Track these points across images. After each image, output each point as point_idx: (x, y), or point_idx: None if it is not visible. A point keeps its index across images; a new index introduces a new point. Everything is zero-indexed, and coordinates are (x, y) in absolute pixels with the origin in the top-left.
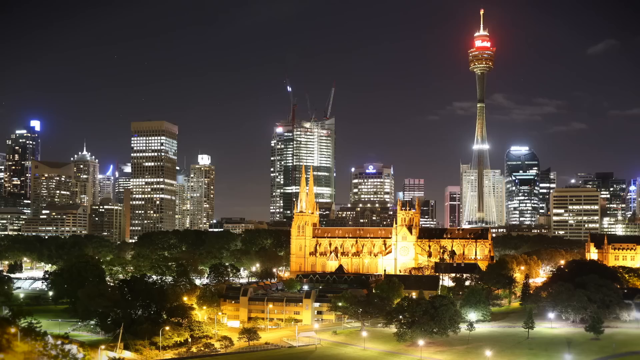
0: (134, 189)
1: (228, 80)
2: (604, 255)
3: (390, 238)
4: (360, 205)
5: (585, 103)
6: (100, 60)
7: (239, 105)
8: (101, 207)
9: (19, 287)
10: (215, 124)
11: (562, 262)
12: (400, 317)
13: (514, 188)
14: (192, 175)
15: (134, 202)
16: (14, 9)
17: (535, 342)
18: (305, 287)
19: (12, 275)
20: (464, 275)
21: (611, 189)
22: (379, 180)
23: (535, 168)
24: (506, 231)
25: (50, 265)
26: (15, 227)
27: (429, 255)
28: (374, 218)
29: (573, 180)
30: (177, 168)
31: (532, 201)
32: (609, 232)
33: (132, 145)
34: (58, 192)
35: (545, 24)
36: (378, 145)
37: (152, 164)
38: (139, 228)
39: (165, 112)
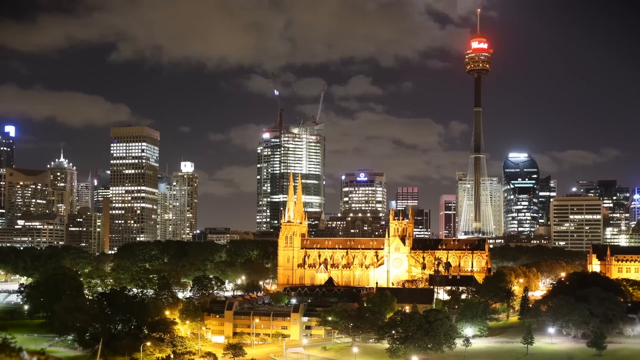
0: (114, 198)
1: (212, 83)
2: (607, 267)
3: (382, 249)
4: (351, 214)
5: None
6: (78, 64)
7: (223, 110)
8: (79, 216)
9: None
10: (198, 129)
11: (563, 274)
12: (393, 332)
13: (512, 197)
14: (174, 183)
15: (114, 212)
16: None
17: (535, 358)
18: (293, 301)
19: None
20: (460, 288)
21: (614, 197)
22: (370, 188)
23: (535, 176)
24: (504, 242)
25: (25, 277)
26: None
27: (423, 267)
28: (366, 228)
29: (574, 189)
30: (159, 176)
31: (532, 210)
32: (612, 243)
33: (112, 151)
34: (34, 201)
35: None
36: (369, 153)
37: (133, 171)
38: (119, 238)
39: (146, 118)
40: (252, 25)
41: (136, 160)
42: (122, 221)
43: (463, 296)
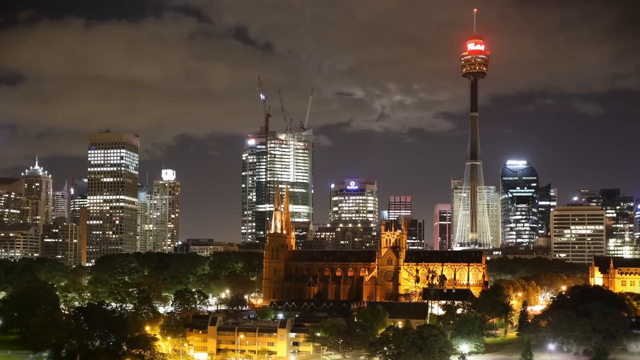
0: (91, 208)
1: (193, 86)
2: (610, 280)
3: (373, 261)
4: (341, 225)
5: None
6: (54, 65)
7: (207, 115)
8: (55, 227)
9: None
10: (180, 135)
11: (564, 288)
12: (385, 348)
13: (510, 206)
14: (155, 192)
15: (91, 222)
16: None
17: None
18: (280, 316)
19: None
20: (456, 303)
21: (617, 207)
22: (361, 197)
23: (534, 184)
24: (502, 254)
25: None
26: None
27: (417, 280)
28: (356, 239)
29: (576, 198)
30: (139, 184)
31: (531, 221)
32: (615, 255)
33: (89, 159)
34: (7, 210)
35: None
36: (360, 159)
37: (111, 179)
38: (97, 250)
39: (125, 123)
40: None
41: (115, 168)
42: (100, 232)
43: (459, 311)
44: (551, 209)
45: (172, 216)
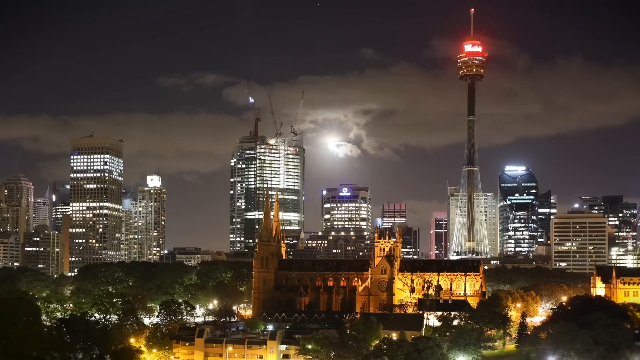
0: (74, 215)
1: (180, 89)
2: (612, 290)
3: (367, 271)
4: (333, 233)
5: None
6: (35, 67)
7: (194, 119)
8: (36, 235)
9: None
10: (166, 140)
11: (564, 298)
12: None
13: (509, 214)
14: (140, 199)
15: (74, 230)
16: None
17: None
18: (270, 327)
19: None
20: (452, 314)
21: (620, 214)
22: (354, 204)
23: (534, 191)
24: (500, 263)
25: None
26: None
27: (412, 290)
28: (349, 248)
29: (576, 205)
30: (124, 191)
31: (530, 229)
32: (618, 264)
33: (72, 164)
34: None
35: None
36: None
37: (95, 185)
38: (80, 259)
39: (109, 127)
40: None
41: (98, 174)
42: (83, 240)
43: (455, 322)
44: (551, 217)
45: (158, 224)
